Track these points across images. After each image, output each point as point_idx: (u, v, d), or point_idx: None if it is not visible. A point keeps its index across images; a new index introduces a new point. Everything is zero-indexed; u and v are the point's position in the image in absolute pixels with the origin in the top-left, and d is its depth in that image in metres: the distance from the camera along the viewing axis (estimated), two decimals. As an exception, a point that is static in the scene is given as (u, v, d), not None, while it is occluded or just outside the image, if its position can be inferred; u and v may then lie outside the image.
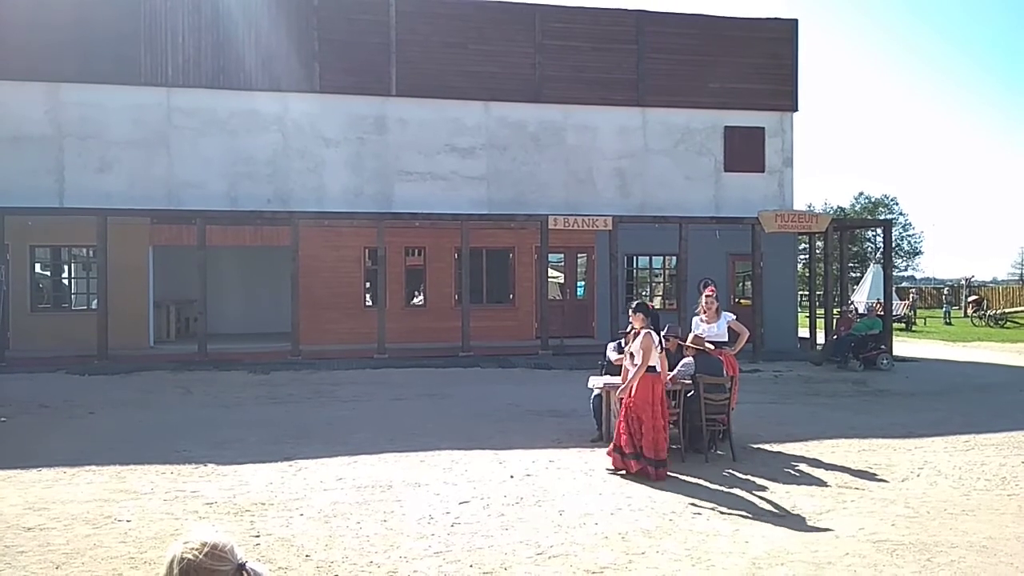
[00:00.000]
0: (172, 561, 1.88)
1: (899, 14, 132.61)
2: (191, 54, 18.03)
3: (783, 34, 20.88)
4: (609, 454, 7.82)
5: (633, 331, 8.14)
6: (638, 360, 7.68)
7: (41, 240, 18.10)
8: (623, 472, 7.58)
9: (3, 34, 17.14)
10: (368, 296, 19.60)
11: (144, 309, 18.15)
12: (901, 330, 27.85)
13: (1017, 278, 73.96)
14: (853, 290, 33.20)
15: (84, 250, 18.70)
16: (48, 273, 19.44)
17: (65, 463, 7.88)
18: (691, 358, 8.81)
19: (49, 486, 7.11)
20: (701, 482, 7.39)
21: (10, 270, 16.67)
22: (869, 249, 61.32)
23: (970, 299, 37.80)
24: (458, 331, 17.48)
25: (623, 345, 9.01)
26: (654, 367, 7.64)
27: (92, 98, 17.62)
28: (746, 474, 7.70)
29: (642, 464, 7.47)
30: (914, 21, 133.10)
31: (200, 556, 1.86)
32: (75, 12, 17.30)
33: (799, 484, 7.35)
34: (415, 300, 20.09)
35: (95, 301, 17.00)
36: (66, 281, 19.38)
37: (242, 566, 1.90)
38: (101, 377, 14.30)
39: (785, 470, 7.93)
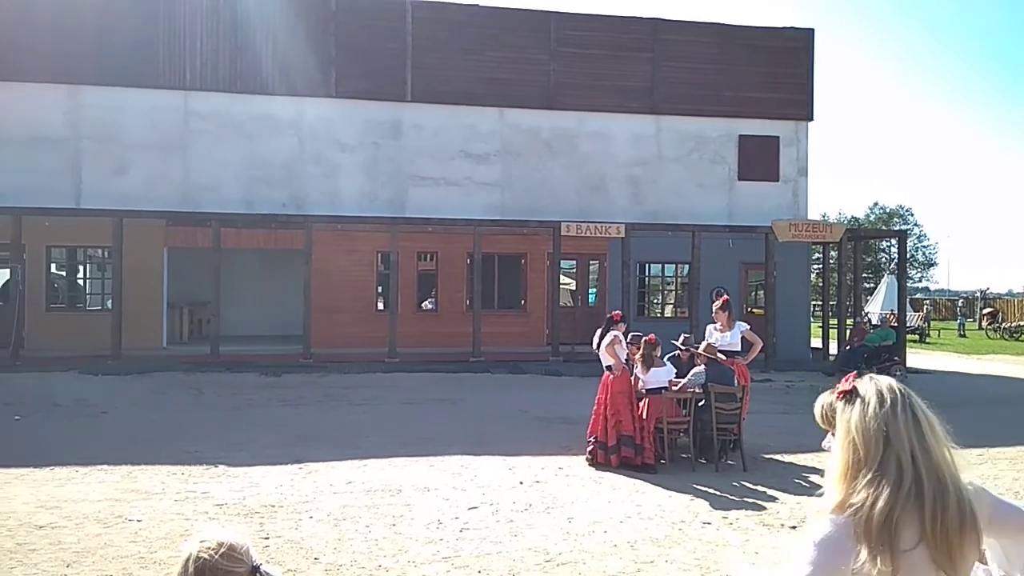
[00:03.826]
0: (188, 559, 1.85)
1: (915, 24, 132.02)
2: (209, 58, 18.16)
3: (799, 44, 20.79)
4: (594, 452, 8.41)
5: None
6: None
7: (57, 240, 18.26)
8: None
9: (23, 37, 17.31)
10: (380, 300, 19.64)
11: (158, 310, 18.26)
12: (915, 342, 27.65)
13: (1033, 291, 73.23)
14: (867, 301, 32.97)
15: (99, 251, 18.84)
16: (64, 273, 19.60)
17: (77, 462, 7.93)
18: (702, 367, 8.78)
19: (61, 485, 7.16)
20: (711, 491, 7.36)
21: (26, 270, 16.82)
22: (883, 260, 60.87)
23: (985, 311, 37.50)
24: (469, 336, 17.49)
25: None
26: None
27: (110, 101, 17.75)
28: (757, 484, 7.66)
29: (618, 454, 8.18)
30: (930, 32, 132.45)
31: (216, 556, 1.84)
32: (95, 16, 17.45)
33: (810, 495, 7.29)
34: (425, 305, 20.12)
35: (109, 301, 17.12)
36: (81, 281, 19.52)
37: (256, 568, 1.88)
38: (114, 377, 14.36)
39: (796, 481, 7.88)
